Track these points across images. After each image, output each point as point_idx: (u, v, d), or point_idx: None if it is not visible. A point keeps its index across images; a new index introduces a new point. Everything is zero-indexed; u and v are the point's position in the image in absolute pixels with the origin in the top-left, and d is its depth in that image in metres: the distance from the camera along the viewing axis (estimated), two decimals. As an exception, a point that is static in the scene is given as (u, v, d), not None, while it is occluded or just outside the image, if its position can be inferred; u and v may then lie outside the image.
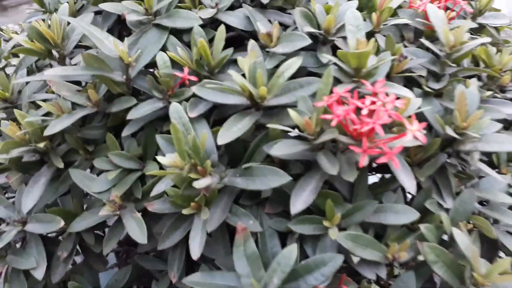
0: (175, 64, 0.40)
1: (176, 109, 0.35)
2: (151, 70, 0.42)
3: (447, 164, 0.40)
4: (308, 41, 0.35)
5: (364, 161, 0.30)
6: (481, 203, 0.45)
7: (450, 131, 0.35)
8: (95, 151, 0.43)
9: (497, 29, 0.52)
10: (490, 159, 0.47)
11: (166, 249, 0.43)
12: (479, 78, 0.44)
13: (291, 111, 0.33)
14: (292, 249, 0.33)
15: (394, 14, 0.43)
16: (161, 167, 0.40)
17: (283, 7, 0.42)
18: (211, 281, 0.36)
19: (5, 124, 0.41)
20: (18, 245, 0.47)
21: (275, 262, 0.34)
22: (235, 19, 0.42)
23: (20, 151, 0.39)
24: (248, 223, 0.37)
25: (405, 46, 0.42)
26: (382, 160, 0.30)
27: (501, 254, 0.47)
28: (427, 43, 0.40)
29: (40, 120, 0.41)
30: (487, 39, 0.39)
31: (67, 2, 0.53)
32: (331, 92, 0.33)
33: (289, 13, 0.43)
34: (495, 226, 0.43)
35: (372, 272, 0.36)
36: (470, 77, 0.43)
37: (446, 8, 0.45)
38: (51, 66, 0.52)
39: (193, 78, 0.38)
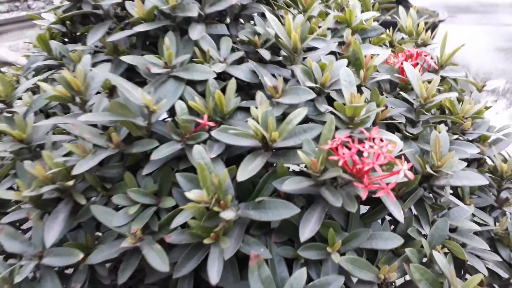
0: (190, 111, 0.45)
1: (199, 151, 0.40)
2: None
3: (424, 197, 0.47)
4: (313, 95, 0.42)
5: (365, 195, 0.36)
6: (450, 230, 0.52)
7: (429, 169, 0.42)
8: (112, 189, 0.47)
9: (455, 80, 0.62)
10: (456, 192, 0.54)
11: (171, 281, 0.47)
12: (446, 124, 0.52)
13: (300, 153, 0.39)
14: (302, 273, 0.39)
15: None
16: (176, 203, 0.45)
17: (282, 62, 0.49)
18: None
19: (31, 164, 0.44)
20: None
21: (288, 285, 0.39)
22: (241, 72, 0.48)
23: (48, 189, 0.42)
24: (260, 251, 0.42)
25: (386, 97, 0.49)
26: (379, 194, 0.36)
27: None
28: (404, 95, 0.47)
29: (63, 161, 0.44)
30: (455, 94, 0.47)
31: (75, 50, 0.58)
32: (333, 137, 0.39)
33: (286, 68, 0.50)
34: (464, 249, 0.50)
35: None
36: (438, 123, 0.51)
37: (416, 64, 0.53)
38: (64, 110, 0.56)
39: (211, 123, 0.43)
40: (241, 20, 0.57)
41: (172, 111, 0.45)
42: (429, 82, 0.48)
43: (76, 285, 0.47)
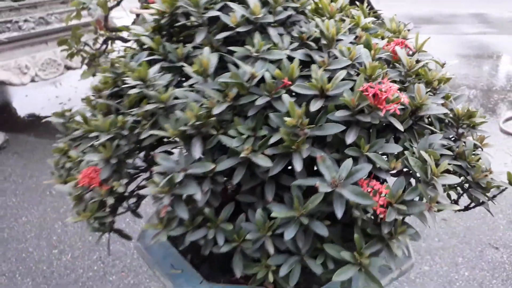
0: (272, 78, 0.75)
1: (287, 97, 0.70)
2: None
3: (412, 125, 0.78)
4: (348, 63, 0.73)
5: (385, 110, 0.67)
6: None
7: (416, 104, 0.74)
8: (226, 127, 0.76)
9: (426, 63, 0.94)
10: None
11: (258, 188, 0.77)
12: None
13: (345, 95, 0.70)
14: (349, 161, 0.68)
15: (377, 51, 0.82)
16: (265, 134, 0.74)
17: (322, 48, 0.80)
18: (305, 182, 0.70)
19: (179, 113, 0.73)
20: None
21: (342, 167, 0.68)
22: (299, 54, 0.78)
23: (196, 125, 0.71)
24: (322, 154, 0.71)
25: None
26: (390, 107, 0.67)
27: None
28: (397, 65, 0.79)
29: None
30: (427, 61, 0.79)
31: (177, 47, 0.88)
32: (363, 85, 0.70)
33: (324, 52, 0.81)
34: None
35: (385, 176, 0.72)
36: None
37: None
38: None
39: (289, 83, 0.73)
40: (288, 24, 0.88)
41: (260, 80, 0.75)
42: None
43: (205, 188, 0.75)
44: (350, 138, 0.70)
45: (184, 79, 0.87)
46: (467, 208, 0.91)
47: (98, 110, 0.98)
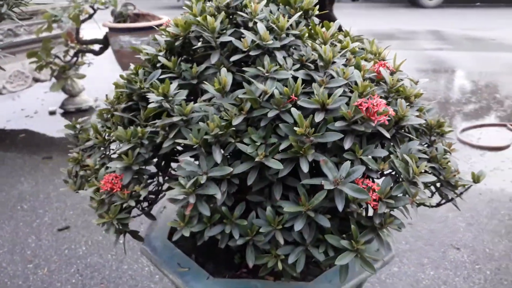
0: (280, 94, 0.88)
1: (296, 111, 0.84)
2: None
3: (395, 133, 0.93)
4: (344, 82, 0.87)
5: (377, 121, 0.81)
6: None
7: (399, 115, 0.89)
8: (241, 136, 0.88)
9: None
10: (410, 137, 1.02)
11: (266, 189, 0.90)
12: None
13: (342, 108, 0.84)
14: (347, 164, 0.83)
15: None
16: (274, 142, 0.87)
17: (319, 69, 0.94)
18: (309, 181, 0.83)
19: (201, 124, 0.85)
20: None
21: (342, 167, 0.82)
22: (300, 74, 0.92)
23: (217, 134, 0.83)
24: (324, 158, 0.85)
25: (372, 85, 0.96)
26: (380, 118, 0.82)
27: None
28: (382, 83, 0.94)
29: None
30: (406, 81, 0.95)
31: (191, 67, 1.00)
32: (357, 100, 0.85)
33: (321, 72, 0.95)
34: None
35: (375, 175, 0.87)
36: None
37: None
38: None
39: (295, 98, 0.87)
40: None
41: (270, 96, 0.89)
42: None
43: (223, 189, 0.87)
44: (347, 144, 0.84)
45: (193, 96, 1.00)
46: (439, 204, 1.07)
47: (114, 122, 1.09)
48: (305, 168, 0.83)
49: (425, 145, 1.03)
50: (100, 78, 4.56)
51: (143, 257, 1.96)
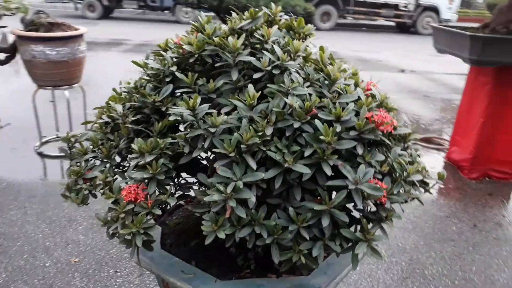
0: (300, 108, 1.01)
1: (320, 123, 0.97)
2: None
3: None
4: (354, 98, 1.03)
5: (385, 130, 0.98)
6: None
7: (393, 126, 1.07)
8: (267, 145, 0.99)
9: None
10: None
11: (284, 192, 1.01)
12: (385, 112, 1.19)
13: (354, 120, 0.99)
14: (363, 167, 0.98)
15: (356, 89, 1.15)
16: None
17: (321, 85, 1.09)
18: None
19: (236, 135, 0.94)
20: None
21: (359, 171, 0.97)
22: (312, 91, 1.06)
23: (251, 144, 0.93)
24: (341, 162, 0.99)
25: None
26: (387, 128, 0.99)
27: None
28: (374, 100, 1.12)
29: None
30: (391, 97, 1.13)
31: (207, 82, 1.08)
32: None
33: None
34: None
35: (379, 175, 1.03)
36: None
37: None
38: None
39: (315, 112, 1.00)
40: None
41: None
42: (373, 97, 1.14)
43: (254, 192, 0.96)
44: (359, 150, 0.99)
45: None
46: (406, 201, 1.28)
47: (123, 133, 1.11)
48: (328, 171, 0.96)
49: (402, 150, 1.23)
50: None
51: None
